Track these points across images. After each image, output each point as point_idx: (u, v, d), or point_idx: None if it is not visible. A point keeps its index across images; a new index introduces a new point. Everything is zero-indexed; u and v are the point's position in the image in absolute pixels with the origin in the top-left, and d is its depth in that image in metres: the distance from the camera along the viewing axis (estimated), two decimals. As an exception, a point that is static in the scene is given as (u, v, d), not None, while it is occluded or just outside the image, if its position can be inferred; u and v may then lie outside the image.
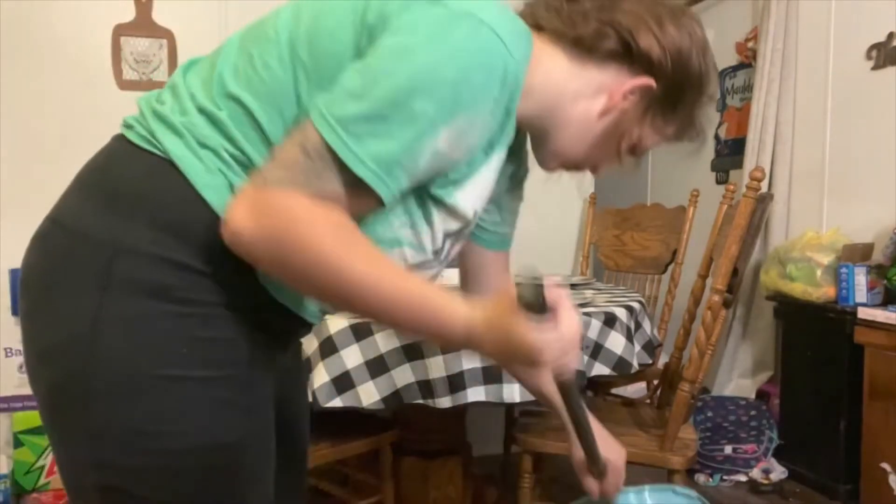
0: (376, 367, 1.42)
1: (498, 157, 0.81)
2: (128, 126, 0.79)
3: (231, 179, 0.73)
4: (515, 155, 0.95)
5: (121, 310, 0.71)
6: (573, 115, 0.83)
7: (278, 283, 0.76)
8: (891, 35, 2.57)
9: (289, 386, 0.96)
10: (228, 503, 0.77)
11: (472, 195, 0.80)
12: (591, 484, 1.03)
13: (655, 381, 2.43)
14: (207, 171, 0.73)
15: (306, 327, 0.88)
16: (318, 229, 0.66)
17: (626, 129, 0.84)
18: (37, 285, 0.77)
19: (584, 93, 0.82)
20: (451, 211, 0.79)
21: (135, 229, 0.72)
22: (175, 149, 0.73)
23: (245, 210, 0.66)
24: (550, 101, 0.81)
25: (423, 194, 0.76)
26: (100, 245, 0.72)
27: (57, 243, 0.76)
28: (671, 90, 0.82)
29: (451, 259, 0.89)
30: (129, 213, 0.73)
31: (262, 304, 0.77)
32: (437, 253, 0.83)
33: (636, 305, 1.76)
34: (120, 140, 0.79)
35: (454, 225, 0.81)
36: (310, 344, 1.45)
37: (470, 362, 1.44)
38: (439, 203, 0.77)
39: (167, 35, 2.48)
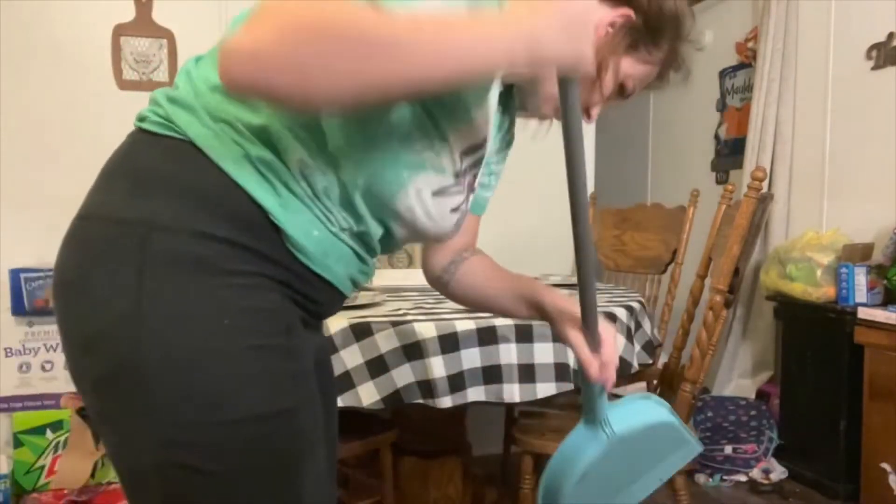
0: (376, 367, 1.42)
1: (495, 94, 0.84)
2: (141, 118, 0.80)
3: (247, 150, 0.74)
4: (507, 113, 0.98)
5: (161, 286, 0.72)
6: None
7: (310, 250, 0.78)
8: (891, 35, 2.57)
9: (320, 367, 0.98)
10: (290, 468, 0.77)
11: (480, 117, 0.82)
12: (584, 353, 0.93)
13: (655, 381, 2.43)
14: (223, 144, 0.74)
15: (339, 299, 0.89)
16: (328, 6, 0.59)
17: (613, 61, 0.89)
18: (72, 280, 0.77)
19: None
20: (465, 124, 0.81)
21: (163, 206, 0.73)
22: (190, 126, 0.75)
23: (241, 34, 0.59)
24: None
25: (434, 109, 0.77)
26: (131, 226, 0.73)
27: (88, 236, 0.77)
28: (650, 22, 0.88)
29: (472, 191, 0.91)
30: (155, 193, 0.74)
31: (296, 273, 0.78)
32: (457, 176, 0.84)
33: (636, 305, 1.75)
34: (135, 133, 0.81)
35: (470, 139, 0.83)
36: (310, 344, 1.45)
37: (470, 362, 1.44)
38: (453, 117, 0.79)
39: (167, 35, 2.48)
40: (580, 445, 0.98)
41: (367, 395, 1.41)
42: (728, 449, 2.69)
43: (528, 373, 1.45)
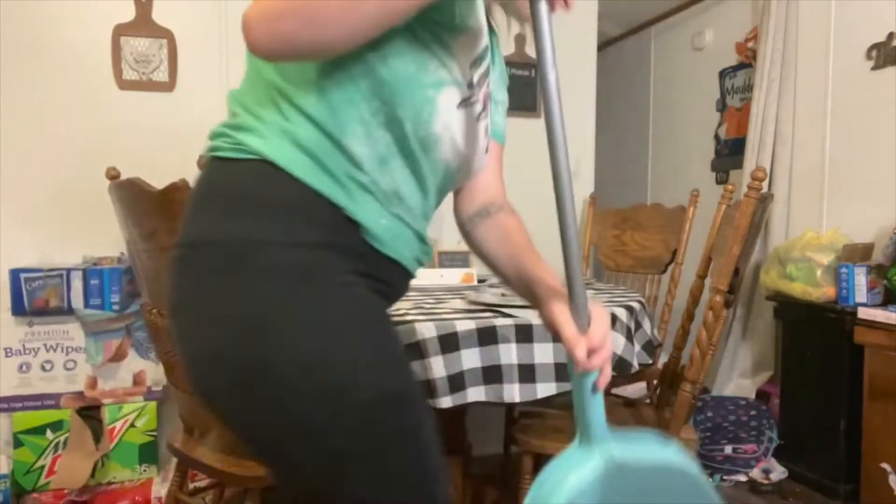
0: (376, 367, 1.42)
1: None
2: (213, 149, 0.89)
3: (311, 152, 0.83)
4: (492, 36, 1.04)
5: (274, 295, 0.80)
6: None
7: (382, 237, 0.88)
8: (891, 35, 2.57)
9: None
10: (417, 437, 0.87)
11: (474, 24, 0.91)
12: (569, 330, 0.84)
13: (655, 381, 2.43)
14: (292, 155, 0.83)
15: (408, 280, 0.99)
16: None
17: None
18: (184, 304, 0.85)
19: None
20: (464, 34, 0.89)
21: (258, 223, 0.82)
22: (261, 146, 0.84)
23: (250, 9, 0.75)
24: None
25: (434, 29, 0.85)
26: (234, 246, 0.82)
27: (194, 261, 0.85)
28: None
29: (484, 96, 0.97)
30: (247, 212, 0.83)
31: (374, 262, 0.89)
32: (470, 86, 0.92)
33: (636, 305, 1.75)
34: (211, 162, 0.90)
35: (473, 49, 0.92)
36: (310, 344, 1.45)
37: (470, 362, 1.44)
38: (450, 30, 0.87)
39: (167, 35, 2.48)
40: (570, 466, 0.82)
41: (367, 395, 1.41)
42: (728, 449, 2.69)
43: (528, 373, 1.45)
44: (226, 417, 0.84)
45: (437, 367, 1.41)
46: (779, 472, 2.60)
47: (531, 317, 1.49)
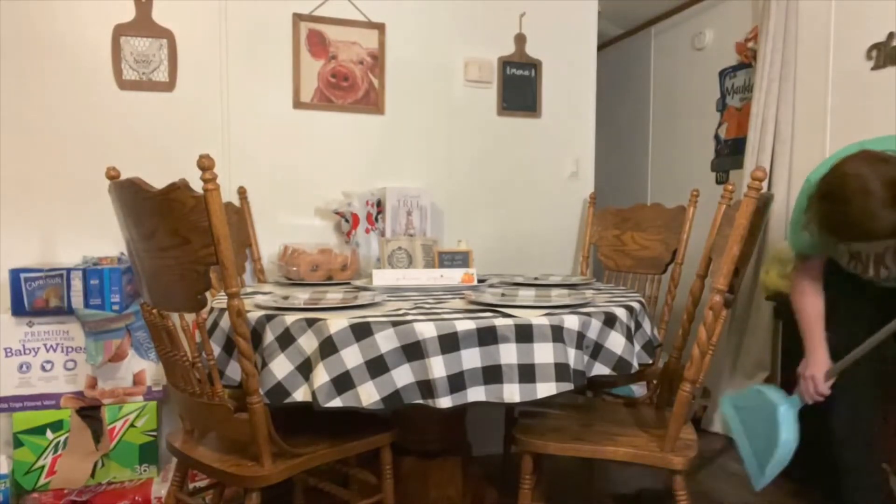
0: (376, 367, 1.42)
1: None
2: None
3: None
4: None
5: None
6: None
7: None
8: (891, 35, 2.57)
9: None
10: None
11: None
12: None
13: (655, 381, 2.43)
14: None
15: None
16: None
17: None
18: None
19: None
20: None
21: None
22: None
23: None
24: None
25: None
26: None
27: None
28: None
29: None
30: None
31: None
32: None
33: (636, 305, 1.75)
34: None
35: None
36: (310, 344, 1.45)
37: (470, 362, 1.44)
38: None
39: (167, 35, 2.48)
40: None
41: (367, 395, 1.41)
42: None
43: (528, 373, 1.46)
44: None
45: (437, 367, 1.41)
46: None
47: (531, 317, 1.49)
